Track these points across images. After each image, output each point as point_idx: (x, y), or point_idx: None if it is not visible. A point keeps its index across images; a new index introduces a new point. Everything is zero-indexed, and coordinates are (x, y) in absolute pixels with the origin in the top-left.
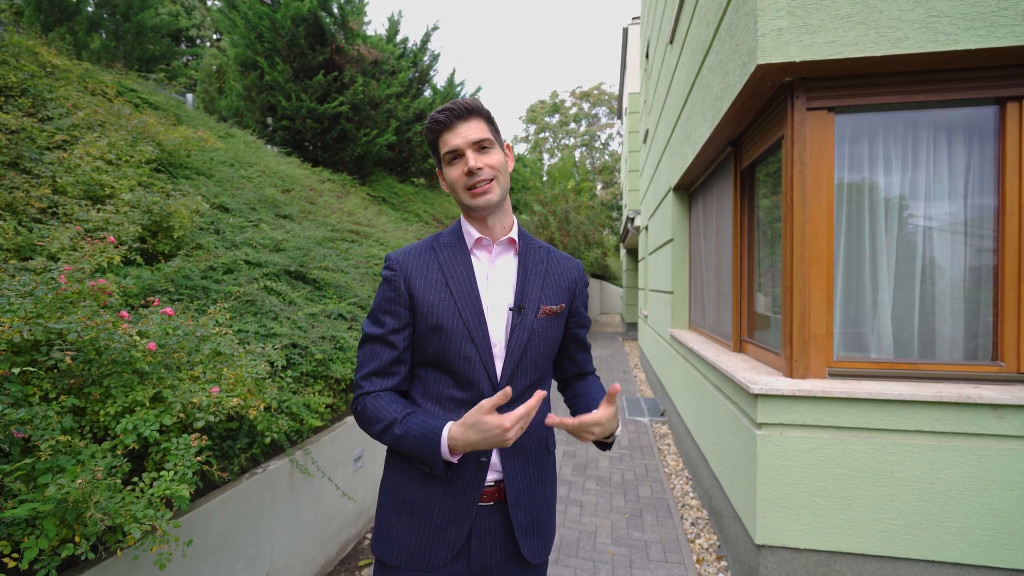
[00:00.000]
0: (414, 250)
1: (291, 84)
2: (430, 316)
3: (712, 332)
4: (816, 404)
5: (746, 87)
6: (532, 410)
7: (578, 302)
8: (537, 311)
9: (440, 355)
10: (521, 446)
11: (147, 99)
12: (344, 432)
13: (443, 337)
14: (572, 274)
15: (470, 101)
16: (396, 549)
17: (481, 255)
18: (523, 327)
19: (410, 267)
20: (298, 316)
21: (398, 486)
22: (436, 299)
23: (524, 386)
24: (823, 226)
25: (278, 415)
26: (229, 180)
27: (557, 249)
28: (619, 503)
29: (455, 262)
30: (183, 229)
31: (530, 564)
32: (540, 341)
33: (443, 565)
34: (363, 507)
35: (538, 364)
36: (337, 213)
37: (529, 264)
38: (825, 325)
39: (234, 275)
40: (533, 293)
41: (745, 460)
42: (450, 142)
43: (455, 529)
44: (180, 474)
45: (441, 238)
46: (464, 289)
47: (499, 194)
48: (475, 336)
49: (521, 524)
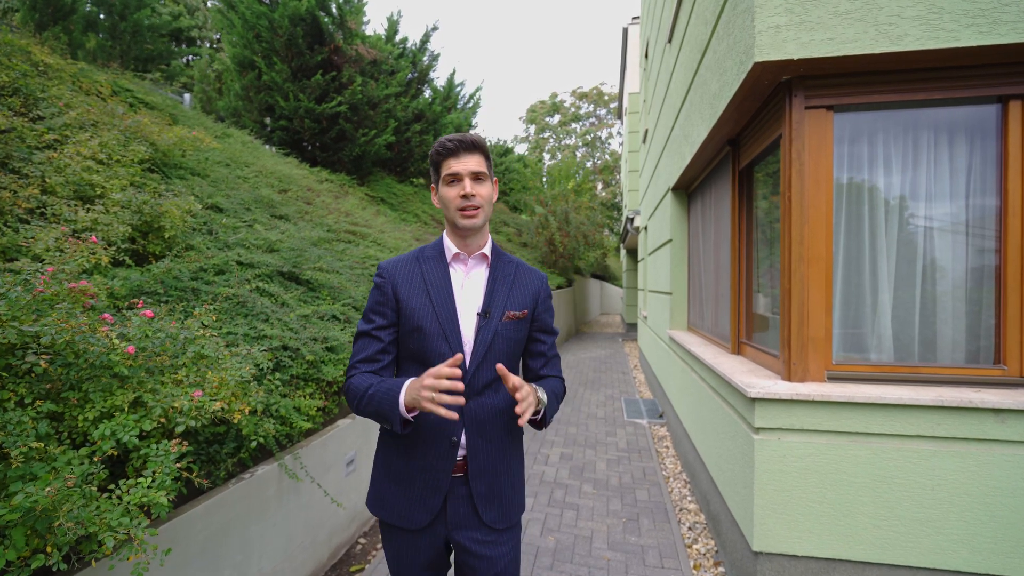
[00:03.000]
0: (402, 261)
1: (289, 84)
2: (412, 318)
3: (711, 334)
4: (815, 408)
5: (744, 85)
6: (439, 377)
7: (540, 309)
8: (502, 316)
9: (420, 351)
10: (484, 429)
11: (143, 99)
12: (337, 435)
13: (422, 336)
14: (536, 285)
15: (476, 138)
16: (388, 510)
17: (458, 267)
18: (488, 329)
19: (397, 276)
20: (290, 318)
21: (388, 458)
22: (418, 304)
23: (488, 379)
24: (822, 226)
25: (265, 419)
26: (224, 180)
27: (526, 264)
28: (616, 507)
29: (435, 273)
30: (174, 229)
31: (494, 529)
32: (504, 341)
33: (425, 526)
34: (356, 511)
35: (502, 361)
36: (334, 213)
37: (498, 276)
38: (824, 327)
39: (225, 276)
40: (499, 300)
41: (742, 465)
42: (453, 167)
43: (432, 498)
44: (159, 481)
45: (425, 251)
46: (442, 297)
47: (482, 219)
48: (449, 336)
49: (480, 494)
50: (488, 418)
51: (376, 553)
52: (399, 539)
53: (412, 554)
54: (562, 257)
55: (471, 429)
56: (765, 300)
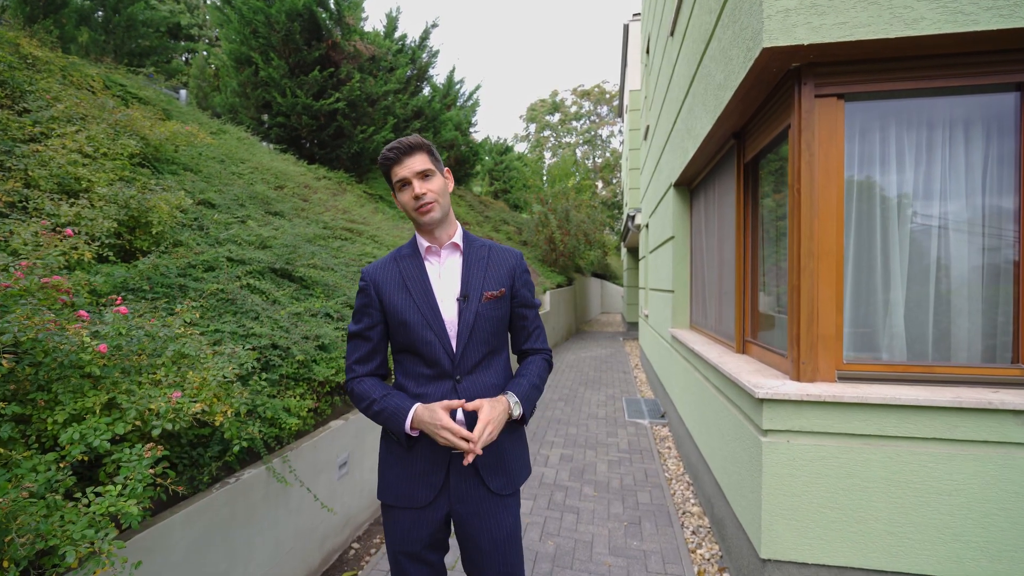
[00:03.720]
0: (381, 264)
1: (286, 80)
2: (396, 314)
3: (714, 332)
4: (826, 409)
5: (751, 74)
6: (458, 437)
7: (518, 284)
8: (480, 297)
9: (408, 342)
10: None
11: (136, 94)
12: (328, 437)
13: (408, 328)
14: (511, 263)
15: (412, 139)
16: (392, 492)
17: (433, 259)
18: (469, 311)
19: (378, 278)
20: (280, 315)
21: (392, 447)
22: (399, 300)
23: (477, 358)
24: (833, 220)
25: (251, 421)
26: (217, 176)
27: (499, 244)
28: (617, 510)
29: (412, 269)
30: (162, 225)
31: (499, 495)
32: (486, 321)
33: (428, 503)
34: (349, 515)
35: (487, 340)
36: (331, 211)
37: (472, 261)
38: (834, 325)
39: (215, 273)
40: (476, 283)
41: (749, 468)
42: (399, 173)
43: (434, 474)
44: (130, 488)
45: (402, 251)
46: (420, 289)
47: (440, 212)
48: (432, 324)
49: (485, 464)
50: (481, 393)
51: (370, 559)
52: (402, 519)
53: (415, 532)
54: (562, 256)
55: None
56: (771, 298)
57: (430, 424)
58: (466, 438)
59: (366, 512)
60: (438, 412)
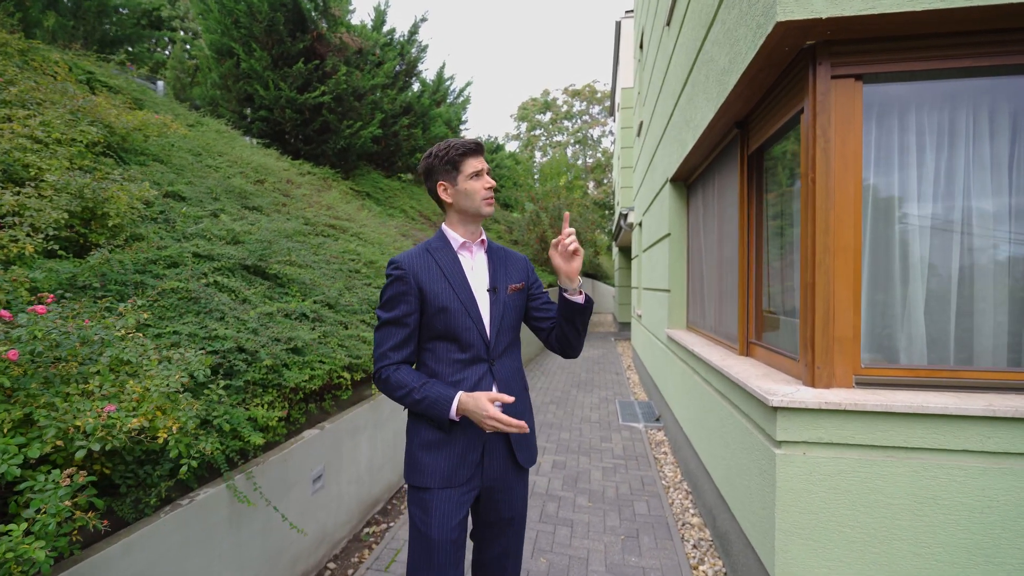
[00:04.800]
0: (414, 254)
1: (269, 72)
2: (436, 301)
3: (714, 333)
4: (846, 419)
5: (760, 54)
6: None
7: (531, 279)
8: (506, 289)
9: (447, 328)
10: (508, 384)
11: (106, 82)
12: (301, 449)
13: (449, 315)
14: (522, 262)
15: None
16: (428, 475)
17: (465, 254)
18: (499, 302)
19: (416, 266)
20: (249, 316)
21: (422, 432)
22: (440, 288)
23: (505, 344)
24: (850, 212)
25: (205, 435)
26: (190, 168)
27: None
28: (613, 522)
29: (448, 260)
30: (121, 217)
31: (522, 468)
32: (512, 310)
33: (466, 481)
34: (324, 533)
35: (512, 328)
36: (314, 207)
37: (496, 258)
38: (852, 326)
39: (179, 269)
40: (502, 277)
41: (760, 481)
42: (478, 165)
43: (472, 453)
44: (39, 525)
45: (432, 243)
46: (458, 280)
47: None
48: (470, 312)
49: (516, 438)
50: (509, 375)
51: None
52: (440, 500)
53: (457, 515)
54: None
55: (501, 386)
56: (777, 297)
57: (475, 412)
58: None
59: (344, 528)
60: (484, 402)
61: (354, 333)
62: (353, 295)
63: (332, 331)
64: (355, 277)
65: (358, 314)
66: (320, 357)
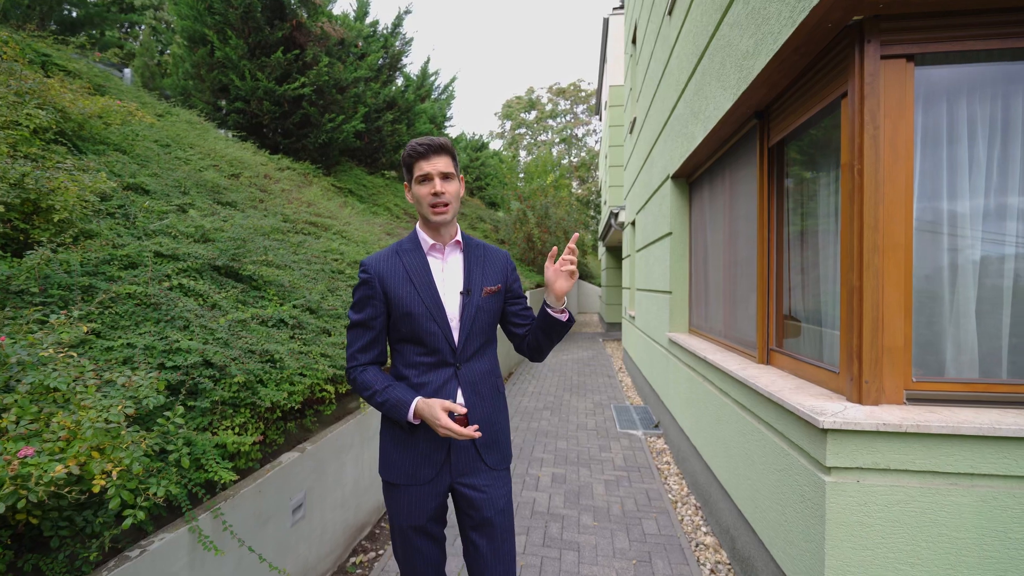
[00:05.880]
0: (383, 256)
1: (246, 62)
2: (400, 305)
3: (723, 338)
4: (905, 441)
5: (799, 31)
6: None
7: (511, 280)
8: (481, 291)
9: (411, 332)
10: (476, 387)
11: (63, 66)
12: (279, 476)
13: (412, 319)
14: (502, 261)
15: (444, 141)
16: (396, 471)
17: (436, 255)
18: (472, 305)
19: (382, 270)
20: (219, 324)
21: (394, 428)
22: (404, 293)
23: (475, 347)
24: (901, 207)
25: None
26: (155, 159)
27: (489, 244)
28: (622, 544)
29: (415, 263)
30: (69, 210)
31: (494, 469)
32: (486, 313)
33: (431, 479)
34: (306, 567)
35: (485, 331)
36: (294, 203)
37: (472, 259)
38: (903, 334)
39: (138, 271)
40: (477, 279)
41: (802, 509)
42: (424, 168)
43: (436, 453)
44: None
45: (403, 245)
46: (423, 283)
47: (451, 214)
48: (435, 316)
49: (482, 442)
50: (478, 378)
51: None
52: (408, 496)
53: (421, 507)
54: (541, 254)
55: (467, 389)
56: (802, 301)
57: (430, 419)
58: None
59: (327, 560)
60: (437, 411)
61: (338, 340)
62: (337, 298)
63: (314, 339)
64: (338, 278)
65: (342, 319)
66: (301, 369)
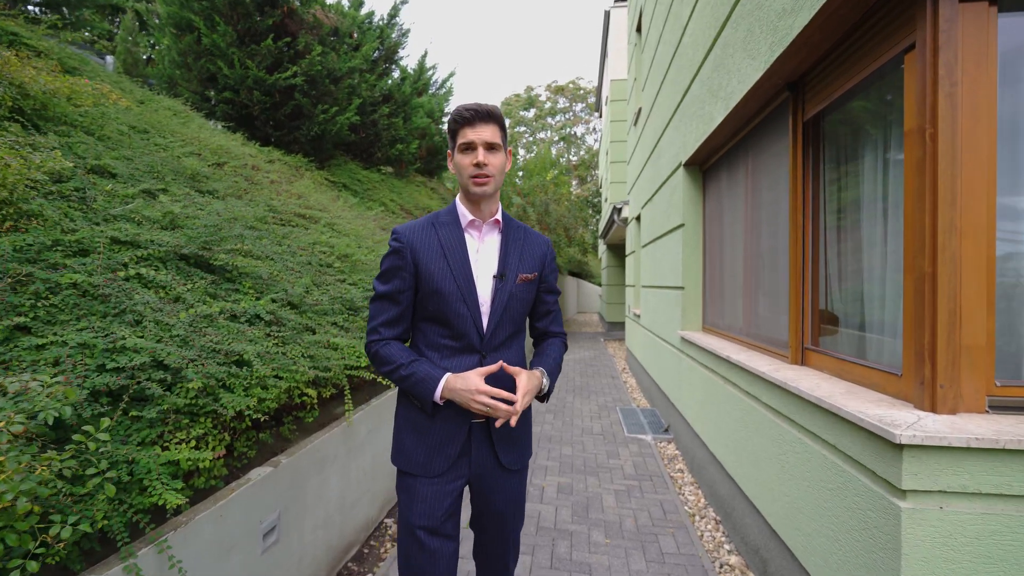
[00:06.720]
0: (418, 226)
1: (234, 50)
2: (431, 281)
3: (744, 336)
4: (999, 459)
5: None
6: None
7: (547, 271)
8: (516, 278)
9: (439, 312)
10: (501, 380)
11: (32, 44)
12: (246, 496)
13: (441, 299)
14: (543, 249)
15: (492, 108)
16: (408, 460)
17: (473, 233)
18: (504, 291)
19: (416, 241)
20: (179, 319)
21: (410, 412)
22: (436, 268)
23: (504, 336)
24: (983, 180)
25: (55, 517)
26: (125, 141)
27: (532, 229)
28: (639, 565)
29: (451, 238)
30: (8, 189)
31: (509, 470)
32: (518, 301)
33: (443, 472)
34: None
35: (516, 320)
36: (283, 195)
37: (510, 241)
38: (985, 331)
39: (90, 259)
40: (513, 264)
41: (866, 541)
42: (468, 136)
43: (450, 446)
44: None
45: (440, 217)
46: (458, 261)
47: (493, 188)
48: (467, 298)
49: (500, 437)
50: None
51: None
52: (422, 491)
53: (437, 505)
54: None
55: (490, 381)
56: (846, 293)
57: (463, 392)
58: (507, 399)
59: None
60: (472, 379)
61: (322, 339)
62: (323, 292)
63: (294, 337)
64: (326, 272)
65: (328, 316)
66: (276, 371)
